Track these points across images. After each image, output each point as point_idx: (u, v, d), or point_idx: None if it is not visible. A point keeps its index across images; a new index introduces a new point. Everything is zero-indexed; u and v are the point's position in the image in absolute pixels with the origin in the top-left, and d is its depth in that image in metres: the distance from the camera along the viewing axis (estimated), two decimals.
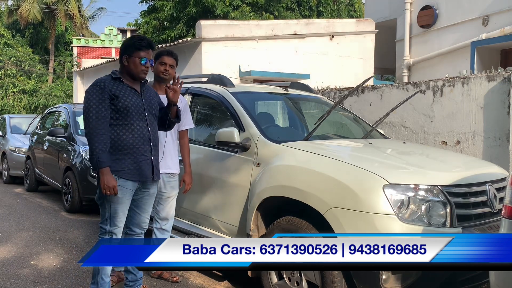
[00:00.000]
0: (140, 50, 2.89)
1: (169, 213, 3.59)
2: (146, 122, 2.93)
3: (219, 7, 15.15)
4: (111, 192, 2.77)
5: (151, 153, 2.94)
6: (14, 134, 10.02)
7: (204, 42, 9.55)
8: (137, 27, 20.19)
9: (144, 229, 3.13)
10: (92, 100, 2.80)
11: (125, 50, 2.92)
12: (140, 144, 2.88)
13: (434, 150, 4.10)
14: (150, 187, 3.04)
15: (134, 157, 2.87)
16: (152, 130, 2.97)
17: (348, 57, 10.88)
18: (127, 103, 2.85)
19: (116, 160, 2.84)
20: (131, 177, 2.88)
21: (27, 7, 26.02)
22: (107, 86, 2.83)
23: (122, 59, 2.93)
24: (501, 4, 8.21)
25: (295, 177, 3.00)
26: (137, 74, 2.91)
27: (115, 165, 2.84)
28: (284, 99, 4.50)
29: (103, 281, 2.90)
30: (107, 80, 2.88)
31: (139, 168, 2.89)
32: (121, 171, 2.85)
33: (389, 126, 5.72)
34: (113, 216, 2.89)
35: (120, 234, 2.94)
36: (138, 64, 2.89)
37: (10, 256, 4.32)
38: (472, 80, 4.99)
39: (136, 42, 2.92)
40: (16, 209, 6.68)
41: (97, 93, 2.81)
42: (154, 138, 2.98)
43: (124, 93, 2.87)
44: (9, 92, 20.12)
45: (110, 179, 2.77)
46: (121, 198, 2.87)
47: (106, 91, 2.81)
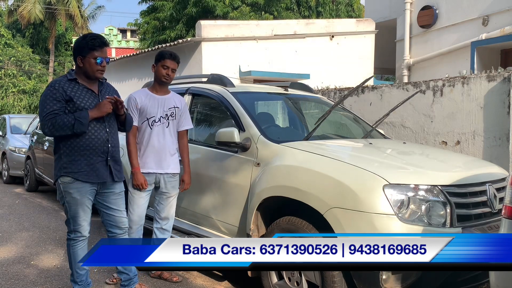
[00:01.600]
0: (94, 50, 2.84)
1: (169, 213, 3.59)
2: (105, 123, 2.90)
3: (218, 7, 15.14)
4: (110, 106, 2.83)
5: (108, 154, 2.91)
6: (14, 134, 10.02)
7: (204, 42, 9.55)
8: (137, 27, 20.19)
9: (124, 229, 3.09)
10: (46, 100, 2.78)
11: (79, 51, 2.86)
12: (96, 145, 2.86)
13: (434, 150, 4.10)
14: (113, 187, 3.00)
15: (90, 158, 2.85)
16: (111, 131, 2.94)
17: (348, 57, 10.87)
18: (83, 105, 2.82)
19: (72, 161, 2.84)
20: (87, 179, 2.86)
21: (29, 7, 26.02)
22: (62, 87, 2.81)
23: (77, 60, 2.88)
24: (501, 4, 8.21)
25: (295, 177, 3.00)
26: (93, 74, 2.88)
27: (71, 167, 2.83)
28: (284, 99, 4.50)
29: (78, 274, 3.02)
30: (62, 81, 2.86)
31: (96, 169, 2.87)
32: (77, 173, 2.84)
33: (389, 126, 5.72)
34: (74, 216, 2.92)
35: (85, 231, 2.97)
36: (94, 64, 2.84)
37: (10, 256, 4.32)
38: (472, 80, 4.99)
39: (89, 42, 2.84)
40: (16, 209, 6.68)
41: (51, 93, 2.79)
42: (113, 139, 2.95)
43: (79, 95, 2.84)
44: (9, 92, 20.13)
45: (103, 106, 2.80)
46: (80, 199, 2.88)
47: (60, 92, 2.79)
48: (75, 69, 2.93)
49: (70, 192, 2.87)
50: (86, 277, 3.08)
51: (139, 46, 19.15)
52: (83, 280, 3.05)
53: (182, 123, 3.62)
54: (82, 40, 2.89)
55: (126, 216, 3.14)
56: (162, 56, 3.49)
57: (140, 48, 17.68)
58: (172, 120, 3.54)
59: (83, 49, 2.85)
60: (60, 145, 2.88)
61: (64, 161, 2.86)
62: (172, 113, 3.54)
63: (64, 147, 2.86)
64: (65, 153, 2.85)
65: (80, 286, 3.05)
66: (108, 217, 3.05)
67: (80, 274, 3.02)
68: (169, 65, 3.48)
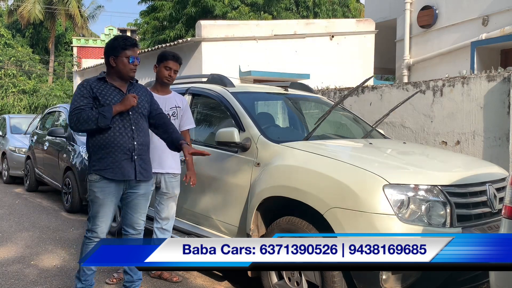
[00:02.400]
0: (127, 50, 2.92)
1: (170, 213, 3.59)
2: (130, 121, 2.92)
3: (218, 7, 15.15)
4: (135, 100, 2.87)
5: (134, 151, 2.92)
6: (14, 134, 10.02)
7: (204, 42, 9.55)
8: (137, 27, 20.20)
9: (138, 230, 3.10)
10: (75, 98, 2.89)
11: (111, 51, 2.94)
12: (121, 143, 2.88)
13: (434, 150, 4.10)
14: (139, 188, 3.01)
15: (116, 155, 2.88)
16: (137, 129, 2.95)
17: (348, 57, 10.87)
18: (108, 102, 2.87)
19: (99, 159, 2.89)
20: (113, 176, 2.88)
21: (29, 7, 26.03)
22: (90, 85, 2.90)
23: (109, 60, 2.94)
24: (501, 4, 8.21)
25: (295, 177, 3.00)
26: (126, 73, 2.95)
27: (98, 164, 2.89)
28: (284, 99, 4.50)
29: (84, 273, 3.02)
30: (91, 80, 2.95)
31: (121, 166, 2.89)
32: (103, 170, 2.88)
33: (389, 126, 5.72)
34: (94, 215, 2.94)
35: (102, 234, 2.97)
36: (127, 63, 2.92)
37: (10, 256, 4.31)
38: (472, 80, 4.99)
39: (121, 42, 2.94)
40: (16, 209, 6.68)
41: (79, 91, 2.90)
42: (140, 137, 2.96)
43: (105, 93, 2.90)
44: (9, 92, 20.12)
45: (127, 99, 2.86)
46: (102, 200, 2.90)
47: (88, 90, 2.87)
48: (106, 70, 3.00)
49: (94, 190, 2.91)
50: (91, 278, 3.06)
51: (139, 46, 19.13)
52: (87, 280, 3.04)
53: (185, 122, 3.62)
54: (114, 41, 2.98)
55: (144, 218, 3.14)
56: (165, 57, 3.50)
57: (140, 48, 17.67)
58: (174, 119, 3.54)
59: (115, 49, 2.93)
60: (90, 144, 2.95)
61: (93, 159, 2.93)
62: (174, 112, 3.55)
63: (92, 146, 2.93)
64: (93, 152, 2.92)
65: (83, 285, 3.04)
66: (126, 215, 3.07)
67: (86, 274, 3.02)
68: (171, 66, 3.49)
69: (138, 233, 3.11)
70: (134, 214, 3.06)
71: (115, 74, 2.96)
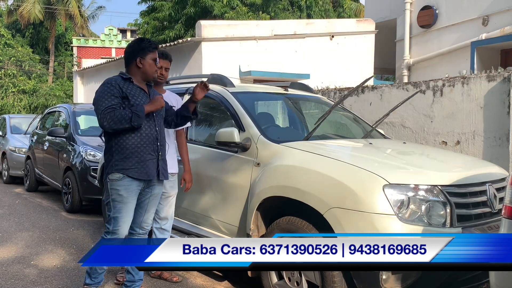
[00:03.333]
0: (152, 52, 3.01)
1: (168, 213, 3.59)
2: (154, 122, 2.99)
3: (216, 7, 15.15)
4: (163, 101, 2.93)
5: (157, 152, 2.99)
6: (14, 134, 10.01)
7: (204, 42, 9.55)
8: (137, 27, 20.20)
9: (147, 229, 3.16)
10: (104, 96, 2.87)
11: (138, 53, 2.99)
12: (147, 143, 2.94)
13: (434, 150, 4.10)
14: (154, 188, 3.07)
15: (141, 155, 2.92)
16: (160, 130, 3.04)
17: (348, 57, 10.87)
18: (137, 103, 2.91)
19: (124, 158, 2.91)
20: (138, 175, 2.92)
21: (28, 7, 26.02)
22: (118, 84, 2.91)
23: (136, 62, 2.98)
24: (501, 4, 8.21)
25: (295, 177, 3.00)
26: (152, 74, 3.04)
27: (123, 163, 2.90)
28: (284, 99, 4.50)
29: (95, 271, 3.05)
30: (118, 79, 2.96)
31: (146, 166, 2.94)
32: (128, 169, 2.90)
33: (389, 126, 5.72)
34: (116, 216, 2.95)
35: (122, 235, 2.98)
36: (153, 65, 3.01)
37: (10, 256, 4.32)
38: (472, 80, 4.99)
39: (147, 44, 3.01)
40: (16, 209, 6.68)
41: (108, 89, 2.88)
42: (161, 138, 3.04)
43: (134, 93, 2.95)
44: (9, 92, 20.12)
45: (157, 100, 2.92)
46: (126, 198, 2.93)
47: (117, 89, 2.89)
48: (130, 70, 3.02)
49: (118, 189, 2.91)
50: (102, 276, 3.11)
51: None
52: (97, 278, 3.07)
53: None
54: (141, 43, 3.03)
55: (152, 218, 3.19)
56: None
57: None
58: None
59: (143, 51, 2.98)
60: (112, 143, 2.94)
61: (116, 158, 2.92)
62: None
63: (116, 145, 2.92)
64: (117, 151, 2.91)
65: (92, 282, 3.07)
66: (137, 215, 3.08)
67: (97, 272, 3.06)
68: (162, 64, 3.47)
69: (145, 233, 3.17)
70: (146, 213, 3.11)
71: (140, 75, 3.01)
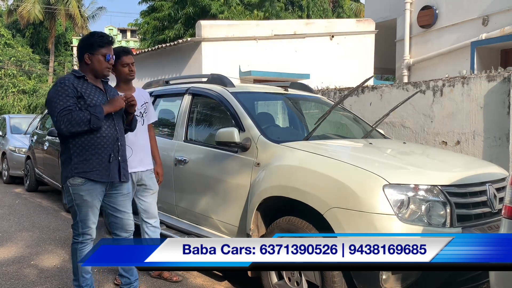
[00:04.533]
0: (103, 47, 2.84)
1: (155, 210, 3.62)
2: (114, 121, 2.88)
3: (214, 6, 15.17)
4: (123, 101, 2.83)
5: (118, 153, 2.88)
6: (14, 134, 10.01)
7: (204, 42, 9.55)
8: (137, 27, 20.19)
9: (131, 231, 3.06)
10: (58, 97, 2.70)
11: (87, 48, 2.85)
12: (107, 144, 2.82)
13: (434, 150, 4.10)
14: (121, 188, 2.97)
15: (102, 157, 2.80)
16: (119, 129, 2.92)
17: (348, 57, 10.87)
18: (94, 102, 2.78)
19: (84, 161, 2.77)
20: (100, 178, 2.80)
21: (28, 7, 26.03)
22: (72, 83, 2.76)
23: (84, 57, 2.85)
24: (501, 4, 8.21)
25: (295, 177, 3.00)
26: (102, 71, 2.87)
27: (83, 166, 2.77)
28: (284, 99, 4.50)
29: (83, 278, 2.93)
30: (71, 78, 2.80)
31: (107, 168, 2.83)
32: (89, 172, 2.78)
33: (389, 126, 5.72)
34: (84, 219, 2.86)
35: (93, 234, 2.92)
36: (103, 61, 2.84)
37: (10, 256, 4.32)
38: (472, 80, 4.99)
39: (97, 39, 2.84)
40: (16, 209, 6.68)
41: (62, 90, 2.72)
42: (122, 138, 2.93)
43: (90, 92, 2.81)
44: (9, 92, 20.14)
45: (116, 100, 2.82)
46: (91, 202, 2.83)
47: (72, 89, 2.73)
48: (80, 67, 2.90)
49: (81, 194, 2.80)
50: (91, 282, 3.00)
51: (140, 46, 19.20)
52: (89, 284, 2.98)
53: (151, 116, 3.64)
54: (91, 37, 2.88)
55: (132, 218, 3.09)
56: (117, 55, 3.32)
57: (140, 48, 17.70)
58: (145, 116, 3.57)
59: (91, 46, 2.83)
60: (70, 145, 2.79)
61: (75, 161, 2.77)
62: (144, 109, 3.57)
63: (74, 147, 2.78)
64: (75, 153, 2.78)
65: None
66: (115, 219, 3.00)
67: (85, 278, 2.94)
68: (127, 61, 3.42)
69: (130, 235, 3.07)
70: (123, 215, 3.00)
71: (90, 71, 2.85)
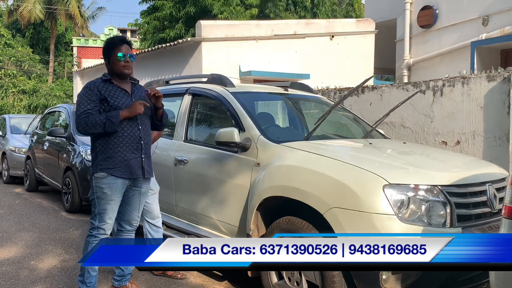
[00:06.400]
0: (115, 48, 2.99)
1: (158, 210, 3.67)
2: (137, 121, 3.00)
3: (215, 6, 15.19)
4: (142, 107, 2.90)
5: (141, 151, 3.01)
6: (14, 134, 10.01)
7: (204, 42, 9.55)
8: (137, 27, 20.19)
9: (135, 226, 3.20)
10: (81, 101, 2.93)
11: (105, 53, 3.04)
12: (129, 143, 2.96)
13: (434, 150, 4.10)
14: (141, 186, 3.10)
15: (124, 155, 2.95)
16: (143, 129, 3.04)
17: (348, 57, 10.88)
18: (116, 103, 2.94)
19: (107, 158, 2.94)
20: (121, 175, 2.95)
21: (29, 7, 26.03)
22: (97, 87, 2.95)
23: (106, 63, 3.05)
24: (501, 4, 8.21)
25: (295, 177, 3.00)
26: (120, 71, 3.01)
27: (106, 163, 2.94)
28: (284, 99, 4.50)
29: (89, 275, 3.04)
30: (97, 82, 3.00)
31: (129, 165, 2.96)
32: (112, 169, 2.94)
33: (389, 126, 5.72)
34: (101, 212, 2.99)
35: (108, 230, 3.03)
36: (117, 61, 2.98)
37: (10, 256, 4.31)
38: (472, 80, 4.99)
39: (109, 42, 3.05)
40: (16, 209, 6.68)
41: (86, 94, 2.94)
42: (146, 137, 3.06)
43: (113, 94, 2.97)
44: (9, 92, 20.15)
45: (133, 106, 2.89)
46: (110, 196, 2.96)
47: (95, 92, 2.92)
48: (107, 71, 3.06)
49: (102, 187, 2.95)
50: (95, 280, 3.09)
51: (140, 46, 19.20)
52: (92, 282, 3.05)
53: None
54: (106, 42, 3.08)
55: (139, 215, 3.22)
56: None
57: (140, 48, 17.71)
58: None
59: (107, 50, 3.01)
60: (96, 144, 2.99)
61: (100, 158, 2.96)
62: None
63: (99, 146, 2.97)
64: (100, 151, 2.96)
65: (88, 287, 3.04)
66: (125, 212, 3.13)
67: (90, 275, 3.04)
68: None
69: (133, 230, 3.20)
70: (133, 211, 3.14)
71: (113, 74, 3.03)
